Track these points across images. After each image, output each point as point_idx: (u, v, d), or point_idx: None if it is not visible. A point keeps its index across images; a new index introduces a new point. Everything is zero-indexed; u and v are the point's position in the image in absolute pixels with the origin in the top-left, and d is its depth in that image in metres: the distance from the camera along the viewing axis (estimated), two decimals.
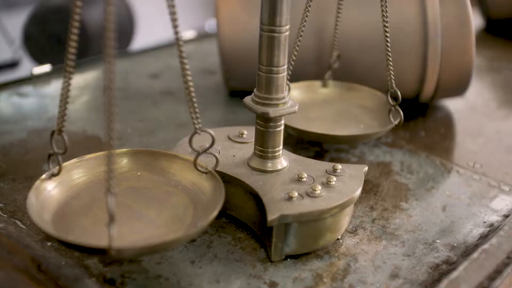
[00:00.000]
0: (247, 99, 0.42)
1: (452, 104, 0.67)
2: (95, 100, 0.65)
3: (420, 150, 0.57)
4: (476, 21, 0.96)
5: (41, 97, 0.65)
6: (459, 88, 0.61)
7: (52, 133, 0.38)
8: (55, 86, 0.68)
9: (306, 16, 0.48)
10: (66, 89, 0.37)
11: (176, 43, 0.36)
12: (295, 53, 0.49)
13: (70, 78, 0.36)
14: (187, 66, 0.36)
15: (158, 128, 0.59)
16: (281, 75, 0.41)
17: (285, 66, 0.41)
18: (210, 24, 0.95)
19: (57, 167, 0.39)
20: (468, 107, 0.67)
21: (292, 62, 0.49)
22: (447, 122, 0.64)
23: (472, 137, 0.60)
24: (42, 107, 0.63)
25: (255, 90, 0.42)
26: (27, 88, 0.67)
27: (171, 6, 0.35)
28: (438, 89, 0.60)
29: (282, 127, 0.43)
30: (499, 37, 0.93)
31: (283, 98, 0.41)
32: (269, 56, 0.40)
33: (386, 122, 0.52)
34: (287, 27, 0.40)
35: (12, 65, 0.98)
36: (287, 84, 0.47)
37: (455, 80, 0.60)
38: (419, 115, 0.64)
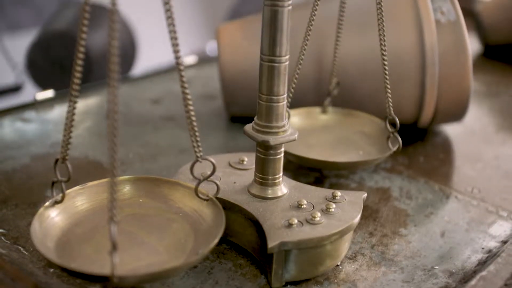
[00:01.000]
0: (248, 127, 0.43)
1: (450, 129, 0.68)
2: (97, 126, 0.66)
3: (419, 175, 0.57)
4: (473, 46, 0.97)
5: (44, 122, 0.66)
6: (457, 114, 0.62)
7: (56, 161, 0.39)
8: (58, 112, 0.69)
9: (306, 44, 0.49)
10: (70, 119, 0.37)
11: (177, 71, 0.37)
12: (295, 80, 0.50)
13: (74, 108, 0.37)
14: (189, 96, 0.37)
15: (159, 154, 0.60)
16: (281, 103, 0.41)
17: (285, 95, 0.42)
18: (211, 47, 0.96)
19: (61, 195, 0.40)
20: (466, 132, 0.68)
21: (292, 90, 0.50)
22: (446, 147, 0.64)
23: (470, 162, 0.61)
24: (45, 132, 0.64)
25: (255, 118, 0.42)
26: (30, 114, 0.68)
27: (172, 31, 0.36)
28: (437, 115, 0.61)
29: (282, 155, 0.43)
30: (497, 62, 0.94)
31: (283, 126, 0.42)
32: (269, 85, 0.41)
33: (385, 148, 0.52)
34: (287, 57, 0.41)
35: (15, 89, 0.99)
36: (287, 111, 0.48)
37: (453, 106, 0.61)
38: (417, 140, 0.65)
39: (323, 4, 0.54)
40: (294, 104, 0.56)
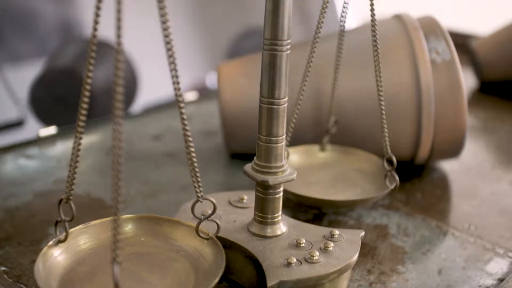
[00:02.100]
0: (247, 167, 0.44)
1: (447, 165, 0.69)
2: (99, 162, 0.67)
3: (416, 212, 0.58)
4: (470, 82, 0.98)
5: (46, 159, 0.67)
6: (453, 151, 0.63)
7: (60, 201, 0.40)
8: (60, 148, 0.70)
9: (305, 85, 0.51)
10: (74, 161, 0.38)
11: (178, 111, 0.38)
12: (294, 120, 0.51)
13: (78, 150, 0.38)
14: (190, 138, 0.38)
15: (160, 191, 0.61)
16: (280, 144, 0.42)
17: (284, 136, 0.43)
18: (211, 78, 0.98)
19: (64, 234, 0.41)
20: (463, 168, 0.69)
21: (291, 129, 0.51)
22: (443, 184, 0.65)
23: (467, 198, 0.62)
24: (47, 169, 0.64)
25: (255, 158, 0.44)
26: (33, 150, 0.69)
27: (173, 70, 0.37)
28: (433, 152, 0.62)
29: (281, 194, 0.44)
30: (493, 97, 0.95)
31: (282, 166, 0.43)
32: (269, 127, 0.42)
33: (382, 186, 0.53)
34: (286, 99, 0.42)
35: (17, 124, 1.00)
36: (286, 151, 0.49)
37: (449, 144, 0.62)
38: (415, 176, 0.66)
39: (321, 43, 0.56)
40: (293, 141, 0.57)
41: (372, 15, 0.51)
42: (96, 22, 0.35)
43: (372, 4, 0.51)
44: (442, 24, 0.63)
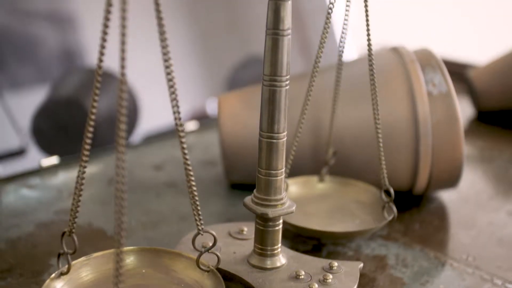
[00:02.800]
0: (247, 200, 0.45)
1: (445, 195, 0.69)
2: (100, 193, 0.68)
3: (415, 243, 0.58)
4: (467, 111, 0.99)
5: (48, 189, 0.68)
6: (451, 181, 0.64)
7: (63, 234, 0.40)
8: (62, 178, 0.70)
9: (304, 118, 0.52)
10: (78, 194, 0.39)
11: (179, 143, 0.39)
12: (293, 152, 0.52)
13: (82, 184, 0.39)
14: (191, 173, 0.39)
15: (161, 221, 0.61)
16: (279, 177, 0.43)
17: (283, 169, 0.43)
18: (211, 106, 0.99)
19: (66, 266, 0.41)
20: (461, 198, 0.70)
21: (290, 161, 0.52)
22: (441, 214, 0.66)
23: (465, 228, 0.62)
24: (49, 199, 0.65)
25: (254, 191, 0.44)
26: (35, 180, 0.70)
27: (174, 100, 0.38)
28: (431, 183, 0.63)
29: (281, 226, 0.45)
30: (491, 126, 0.96)
31: (281, 199, 0.44)
32: (268, 160, 0.43)
33: (380, 217, 0.54)
34: (285, 133, 0.43)
35: (19, 152, 1.01)
36: (286, 183, 0.50)
37: (446, 174, 0.63)
38: (413, 207, 0.66)
39: (320, 75, 0.57)
40: (292, 172, 0.58)
41: (369, 49, 0.52)
42: (101, 54, 0.36)
43: (369, 40, 0.52)
44: (438, 56, 0.64)
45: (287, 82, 0.42)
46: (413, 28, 1.41)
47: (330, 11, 0.50)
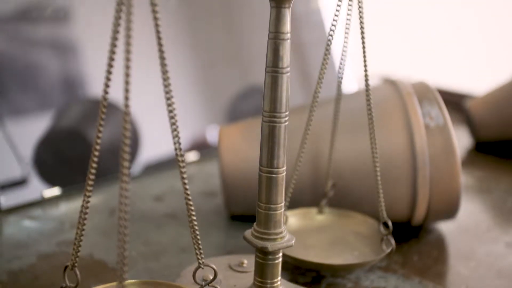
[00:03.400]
0: (247, 233, 0.45)
1: (444, 226, 0.70)
2: (102, 223, 0.68)
3: (413, 274, 0.59)
4: (465, 141, 1.00)
5: (50, 220, 0.68)
6: (449, 212, 0.65)
7: (65, 268, 0.41)
8: (63, 209, 0.71)
9: (303, 152, 0.52)
10: (81, 229, 0.40)
11: (180, 176, 0.39)
12: (292, 186, 0.53)
13: (85, 218, 0.39)
14: (192, 207, 0.40)
15: (162, 253, 0.62)
16: (278, 211, 0.44)
17: (283, 203, 0.44)
18: (211, 134, 1.00)
19: None
20: (459, 229, 0.70)
21: (290, 194, 0.53)
22: (439, 245, 0.66)
23: (464, 260, 0.63)
24: (51, 230, 0.66)
25: (254, 224, 0.45)
26: (37, 211, 0.70)
27: (174, 130, 0.38)
28: (429, 214, 0.64)
29: (280, 259, 0.45)
30: (489, 156, 0.97)
31: (281, 232, 0.44)
32: (268, 195, 0.43)
33: (379, 249, 0.54)
34: (284, 168, 0.44)
35: (21, 182, 1.01)
36: (285, 215, 0.50)
37: (444, 206, 0.63)
38: (412, 238, 0.67)
39: (319, 108, 0.58)
40: (291, 204, 0.58)
41: (367, 84, 0.53)
42: (106, 86, 0.37)
43: (366, 72, 0.53)
44: (435, 89, 0.65)
45: (286, 118, 0.43)
46: (411, 58, 1.43)
47: (329, 42, 0.51)
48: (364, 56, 0.53)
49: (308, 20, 1.11)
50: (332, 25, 0.51)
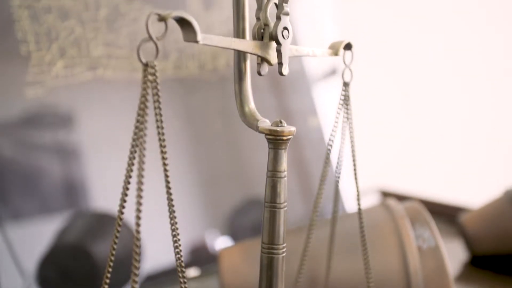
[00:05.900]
0: None
1: None
2: None
3: None
4: (460, 255, 1.02)
5: None
6: None
7: None
8: None
9: (300, 277, 0.55)
10: None
11: None
12: None
13: None
14: None
15: None
16: None
17: None
18: (210, 238, 1.01)
19: None
20: None
21: None
22: None
23: None
24: None
25: None
26: None
27: (176, 248, 0.41)
28: None
29: None
30: (484, 271, 0.98)
31: None
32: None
33: None
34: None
35: None
36: None
37: None
38: None
39: (316, 229, 0.61)
40: None
41: (359, 210, 0.56)
42: (122, 207, 0.40)
43: (358, 199, 0.57)
44: (426, 212, 0.68)
45: (284, 250, 0.45)
46: (408, 171, 1.46)
47: (327, 160, 0.55)
48: (356, 183, 0.57)
49: (309, 138, 1.16)
50: (329, 144, 0.55)
